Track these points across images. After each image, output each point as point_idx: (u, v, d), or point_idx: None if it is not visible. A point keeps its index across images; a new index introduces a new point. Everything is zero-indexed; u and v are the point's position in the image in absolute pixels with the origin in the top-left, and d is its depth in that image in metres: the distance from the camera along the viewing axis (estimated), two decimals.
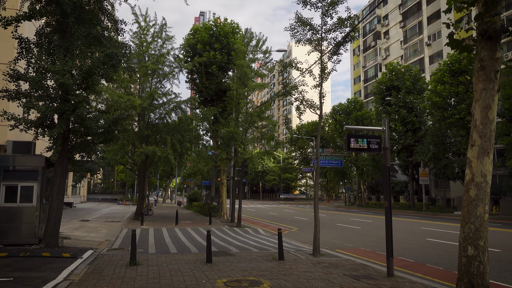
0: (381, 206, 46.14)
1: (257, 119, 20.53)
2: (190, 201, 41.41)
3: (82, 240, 13.99)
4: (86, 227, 18.73)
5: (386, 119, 8.35)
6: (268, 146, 21.38)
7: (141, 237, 15.37)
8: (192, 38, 26.22)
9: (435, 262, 10.63)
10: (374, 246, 14.12)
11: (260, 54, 22.89)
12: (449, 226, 21.03)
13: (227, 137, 20.78)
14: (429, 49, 52.03)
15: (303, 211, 37.99)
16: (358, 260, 10.55)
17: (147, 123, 22.66)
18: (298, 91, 12.16)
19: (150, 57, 23.06)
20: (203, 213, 29.80)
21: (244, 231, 18.39)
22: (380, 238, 16.08)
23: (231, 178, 23.97)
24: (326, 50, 11.80)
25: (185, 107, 23.33)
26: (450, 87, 31.41)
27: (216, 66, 24.81)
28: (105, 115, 10.83)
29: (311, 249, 12.48)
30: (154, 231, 17.69)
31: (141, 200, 23.71)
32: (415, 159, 36.29)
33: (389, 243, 8.06)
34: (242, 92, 20.87)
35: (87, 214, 28.43)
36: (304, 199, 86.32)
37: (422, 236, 16.76)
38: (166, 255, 10.57)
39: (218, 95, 25.97)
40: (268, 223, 23.97)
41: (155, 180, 64.92)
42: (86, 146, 11.05)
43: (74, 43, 10.23)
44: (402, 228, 20.43)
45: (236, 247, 12.52)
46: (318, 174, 11.35)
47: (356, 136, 8.12)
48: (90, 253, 10.33)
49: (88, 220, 22.41)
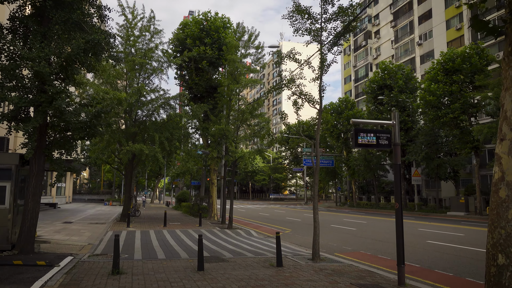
0: (372, 206, 45.69)
1: (249, 116, 19.69)
2: (179, 202, 40.38)
3: (62, 245, 12.98)
4: (69, 229, 17.67)
5: (396, 112, 7.60)
6: (261, 145, 20.53)
7: (126, 240, 14.41)
8: (182, 33, 25.25)
9: (443, 267, 9.94)
10: (374, 249, 13.41)
11: (252, 49, 22.06)
12: (446, 228, 20.49)
13: (218, 135, 19.91)
14: (420, 48, 51.87)
15: (295, 212, 37.28)
16: (361, 265, 9.80)
17: (134, 120, 21.63)
18: (296, 85, 11.37)
19: (138, 51, 22.05)
20: (193, 214, 28.85)
21: (236, 233, 17.55)
22: (379, 240, 15.40)
23: (221, 177, 23.10)
24: (326, 40, 11.03)
25: (174, 104, 22.38)
26: (444, 86, 31.01)
27: (206, 61, 23.88)
28: (87, 108, 9.86)
29: (309, 253, 11.71)
30: (141, 233, 16.73)
31: (127, 200, 22.68)
32: (408, 158, 35.87)
33: (400, 249, 7.31)
34: (234, 88, 20.02)
35: (71, 215, 27.25)
36: (294, 199, 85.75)
37: (422, 238, 16.12)
38: (153, 262, 9.67)
39: (208, 91, 25.05)
40: (260, 224, 23.17)
41: (143, 180, 63.61)
42: (65, 142, 10.07)
43: (52, 29, 9.27)
44: None
45: (229, 252, 11.66)
46: (317, 173, 10.57)
47: (366, 131, 7.36)
48: (69, 260, 9.37)
49: (71, 222, 21.31)
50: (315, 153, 10.64)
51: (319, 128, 10.72)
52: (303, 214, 33.75)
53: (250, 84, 20.89)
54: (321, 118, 40.27)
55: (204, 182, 32.93)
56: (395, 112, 7.58)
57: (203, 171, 32.39)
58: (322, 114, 41.56)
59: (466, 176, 41.65)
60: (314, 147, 10.41)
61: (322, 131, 55.93)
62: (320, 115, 10.74)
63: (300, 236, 17.43)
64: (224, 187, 21.76)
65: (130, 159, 20.59)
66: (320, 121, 10.65)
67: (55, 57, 9.38)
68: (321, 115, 10.75)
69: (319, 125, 10.67)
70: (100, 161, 24.20)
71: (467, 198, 32.52)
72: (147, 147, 19.28)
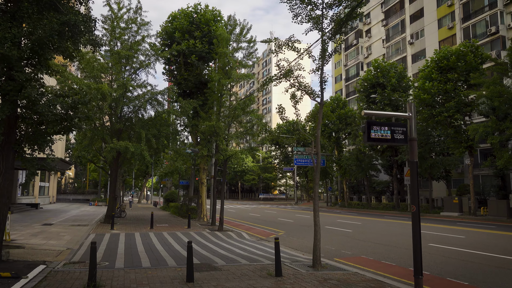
0: (364, 206, 45.14)
1: (241, 113, 18.71)
2: (166, 202, 39.17)
3: (37, 250, 11.85)
4: (47, 232, 16.46)
5: (412, 103, 6.73)
6: (254, 142, 19.56)
7: (109, 244, 13.32)
8: (170, 26, 24.12)
9: (454, 275, 9.13)
10: (375, 253, 12.57)
11: (244, 43, 21.09)
12: (444, 229, 19.82)
13: (208, 132, 18.90)
14: (411, 47, 51.53)
15: (286, 212, 36.42)
16: (367, 273, 8.93)
17: (119, 117, 20.45)
18: (294, 76, 10.45)
19: (124, 44, 20.89)
20: (181, 214, 27.76)
21: (227, 236, 16.57)
22: (378, 243, 14.59)
23: (211, 177, 22.08)
24: (327, 28, 10.14)
25: (162, 100, 21.25)
26: (439, 84, 30.48)
27: (196, 55, 22.81)
28: (62, 99, 8.77)
29: (307, 259, 10.82)
30: (126, 236, 15.63)
31: (112, 201, 21.50)
32: (401, 158, 35.31)
33: (418, 258, 6.43)
34: (225, 83, 19.02)
35: (52, 216, 25.90)
36: (283, 199, 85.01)
37: (422, 240, 15.35)
38: (136, 271, 8.64)
39: (198, 87, 23.98)
40: (252, 226, 22.22)
41: (130, 179, 62.16)
42: (38, 136, 8.96)
43: (22, 8, 8.18)
44: (397, 231, 19.08)
45: (221, 258, 10.68)
46: (318, 172, 9.67)
47: (379, 124, 6.46)
48: (40, 270, 8.30)
49: (52, 224, 20.06)
50: (316, 150, 9.74)
51: (320, 122, 9.82)
52: (294, 214, 32.92)
53: (242, 80, 19.91)
54: (314, 115, 39.15)
55: (193, 182, 31.86)
56: (411, 103, 6.71)
57: (192, 171, 31.32)
58: (312, 113, 40.74)
59: (458, 176, 41.35)
60: (314, 144, 9.49)
61: (313, 130, 55.16)
62: (321, 109, 9.83)
63: (295, 238, 16.54)
64: (214, 187, 20.76)
65: (114, 157, 19.46)
66: (321, 115, 9.75)
67: (26, 40, 8.30)
68: (322, 109, 9.85)
69: (320, 120, 9.77)
70: (85, 160, 22.98)
71: (461, 198, 32.09)
72: (133, 144, 18.16)
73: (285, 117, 10.63)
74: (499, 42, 38.35)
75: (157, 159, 22.52)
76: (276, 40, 10.11)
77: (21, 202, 36.07)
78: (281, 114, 10.67)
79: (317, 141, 9.71)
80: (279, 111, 10.67)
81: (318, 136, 9.75)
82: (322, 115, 10.04)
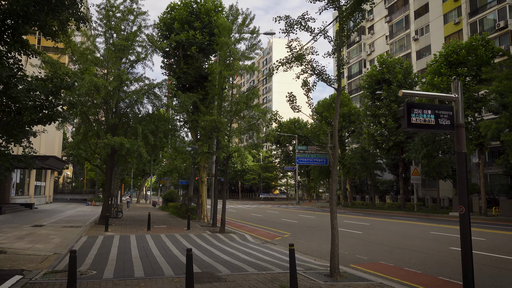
0: (368, 206, 43.96)
1: (244, 107, 17.51)
2: (165, 202, 37.97)
3: (20, 255, 10.66)
4: (36, 235, 15.26)
5: (459, 82, 5.55)
6: (257, 138, 18.37)
7: (101, 249, 12.13)
8: (169, 16, 22.91)
9: (496, 287, 7.95)
10: (394, 258, 11.39)
11: (247, 34, 19.88)
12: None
13: (209, 127, 17.69)
14: (416, 44, 50.35)
15: (289, 212, 35.25)
16: (394, 284, 7.74)
17: (114, 111, 19.20)
18: (306, 61, 9.26)
19: (119, 34, 19.67)
20: (180, 215, 26.57)
21: (229, 238, 15.38)
22: (394, 247, 13.41)
23: (212, 175, 20.89)
24: (345, 4, 8.96)
25: (159, 93, 20.03)
26: (448, 79, 29.28)
27: (196, 47, 21.60)
28: (43, 83, 7.58)
29: (322, 266, 9.64)
30: (120, 239, 14.44)
31: (107, 201, 20.30)
32: (408, 156, 34.09)
33: (469, 272, 5.25)
34: (227, 75, 17.81)
35: (46, 217, 24.70)
36: (284, 199, 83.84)
37: (441, 243, 14.19)
38: (127, 282, 7.46)
39: (198, 81, 22.76)
40: (255, 227, 21.04)
41: (128, 179, 60.97)
42: (14, 126, 7.77)
43: None
44: (410, 232, 17.89)
45: (225, 265, 9.49)
46: (335, 168, 8.48)
47: (422, 106, 5.28)
48: (14, 282, 7.11)
49: (42, 225, 18.86)
50: (333, 143, 8.57)
51: (338, 112, 8.64)
52: (298, 215, 31.73)
53: (245, 71, 18.70)
54: (328, 104, 37.74)
55: (192, 181, 30.67)
56: (457, 82, 5.53)
57: (192, 169, 30.14)
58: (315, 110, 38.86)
59: None
60: (331, 136, 8.29)
61: (315, 128, 53.92)
62: (338, 96, 8.66)
63: (303, 241, 15.35)
64: (215, 186, 19.58)
65: (109, 154, 18.26)
66: (338, 103, 8.57)
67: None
68: (339, 96, 8.66)
69: (338, 109, 8.59)
70: (80, 158, 21.79)
71: (471, 198, 30.90)
72: (129, 140, 16.95)
73: (296, 106, 9.43)
74: (508, 37, 37.17)
75: (155, 156, 21.26)
76: (287, 19, 8.92)
77: (15, 202, 34.88)
78: (292, 103, 9.47)
79: (334, 133, 8.54)
80: (289, 100, 9.48)
81: (336, 126, 8.58)
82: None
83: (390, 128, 36.17)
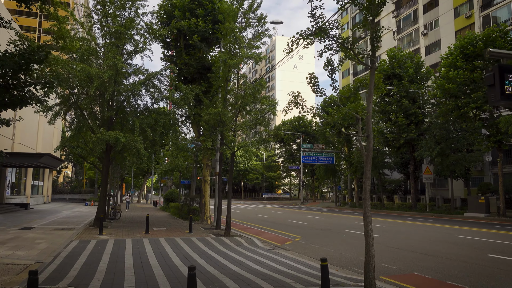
0: (376, 206, 42.36)
1: (251, 99, 15.97)
2: (166, 202, 36.49)
3: None
4: (21, 239, 13.77)
5: None
6: (266, 133, 16.83)
7: (91, 256, 10.62)
8: (169, 4, 21.36)
9: None
10: (428, 267, 9.84)
11: (254, 20, 18.33)
12: (486, 234, 17.04)
13: (213, 121, 16.16)
14: (425, 39, 48.75)
15: (295, 213, 33.70)
16: None
17: (109, 104, 17.64)
18: (331, 36, 7.74)
19: (115, 21, 18.15)
20: (182, 216, 25.09)
21: (236, 243, 13.85)
22: (422, 254, 11.84)
23: (216, 174, 19.37)
24: None
25: (159, 84, 18.50)
26: (465, 72, 27.67)
27: (198, 36, 20.06)
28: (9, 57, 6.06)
29: (350, 279, 8.11)
30: (114, 244, 12.94)
31: (102, 201, 18.79)
32: (420, 154, 32.44)
33: None
34: (232, 63, 16.25)
35: (39, 218, 23.24)
36: (288, 199, 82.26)
37: (475, 249, 12.63)
38: None
39: (200, 73, 21.21)
40: (262, 229, 19.52)
41: (129, 178, 59.58)
42: None
43: None
44: (433, 236, 16.30)
45: (235, 279, 7.96)
46: (369, 162, 6.97)
47: None
48: None
49: (32, 228, 17.38)
50: (367, 131, 7.04)
51: (372, 95, 7.12)
52: (305, 216, 30.20)
53: (252, 59, 17.14)
54: (320, 112, 36.07)
55: (194, 180, 29.16)
56: None
57: (194, 168, 28.62)
58: (322, 107, 36.82)
59: (477, 174, 38.53)
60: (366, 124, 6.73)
61: (321, 126, 52.31)
62: (373, 75, 7.14)
63: (317, 246, 13.83)
64: (219, 185, 18.06)
65: (104, 150, 16.75)
66: (373, 84, 7.04)
67: None
68: (374, 75, 7.14)
69: (372, 90, 7.06)
70: (75, 155, 20.33)
71: (488, 198, 29.28)
72: (125, 135, 15.42)
73: (319, 89, 7.90)
74: None
75: (153, 152, 19.72)
76: None
77: (10, 202, 33.48)
78: (313, 86, 7.94)
79: (368, 119, 7.02)
80: (310, 82, 7.94)
81: (370, 111, 7.06)
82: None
83: (400, 125, 34.55)
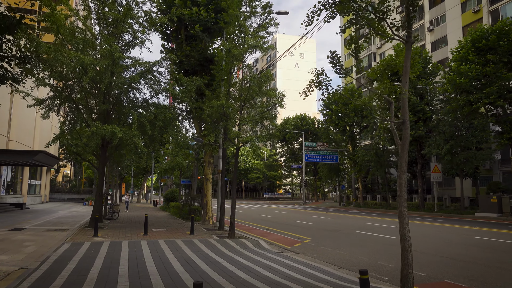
0: (382, 206, 41.29)
1: (257, 90, 14.89)
2: (167, 201, 35.42)
3: None
4: (8, 241, 12.70)
5: None
6: (273, 126, 15.75)
7: (82, 262, 9.54)
8: None
9: None
10: (460, 275, 8.76)
11: (259, 8, 17.24)
12: (506, 235, 15.94)
13: (216, 114, 15.08)
14: (431, 35, 47.63)
15: (299, 213, 32.62)
16: None
17: (104, 96, 16.52)
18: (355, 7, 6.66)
19: (112, 7, 17.05)
20: (183, 216, 24.02)
21: (241, 245, 12.77)
22: (448, 258, 10.75)
23: (219, 172, 18.29)
24: None
25: (158, 76, 17.40)
26: (477, 67, 26.58)
27: (200, 25, 18.99)
28: None
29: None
30: (110, 247, 11.86)
31: (98, 200, 17.70)
32: (429, 152, 31.33)
33: None
34: (237, 53, 15.16)
35: (33, 218, 22.17)
36: (289, 198, 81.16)
37: (505, 253, 11.54)
38: None
39: (202, 65, 20.14)
40: (267, 230, 18.45)
41: (129, 177, 58.51)
42: None
43: None
44: (451, 238, 15.21)
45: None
46: (406, 153, 5.89)
47: None
48: None
49: (23, 229, 16.31)
50: (403, 117, 5.96)
51: (407, 73, 6.04)
52: (310, 216, 29.11)
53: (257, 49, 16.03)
54: (324, 109, 34.99)
55: (195, 179, 28.09)
56: None
57: (195, 166, 27.55)
58: (326, 105, 35.62)
59: (485, 173, 37.41)
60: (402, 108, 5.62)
61: (325, 124, 51.19)
62: (408, 51, 6.07)
63: (329, 249, 12.75)
64: (222, 184, 16.99)
65: (99, 145, 15.67)
66: (409, 61, 5.96)
67: None
68: (410, 52, 6.06)
69: (408, 69, 5.98)
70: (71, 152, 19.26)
71: (500, 197, 28.18)
72: (121, 129, 14.34)
73: (342, 69, 6.82)
74: None
75: (152, 148, 18.63)
76: None
77: (5, 201, 32.43)
78: (335, 66, 6.86)
79: (404, 102, 5.95)
80: (332, 62, 6.86)
81: (407, 93, 5.98)
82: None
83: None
